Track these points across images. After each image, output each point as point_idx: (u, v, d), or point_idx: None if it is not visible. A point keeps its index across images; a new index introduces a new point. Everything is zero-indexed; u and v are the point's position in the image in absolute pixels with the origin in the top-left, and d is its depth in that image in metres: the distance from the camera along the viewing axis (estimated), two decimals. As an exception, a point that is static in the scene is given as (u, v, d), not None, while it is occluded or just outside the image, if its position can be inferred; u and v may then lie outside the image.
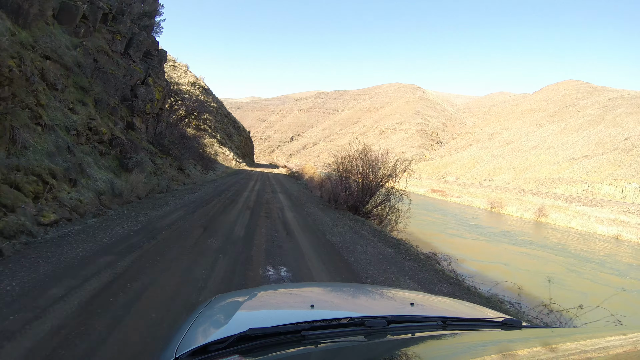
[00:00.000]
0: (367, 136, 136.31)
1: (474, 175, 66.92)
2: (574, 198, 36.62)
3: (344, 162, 10.33)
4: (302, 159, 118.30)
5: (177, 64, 35.49)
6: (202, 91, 36.61)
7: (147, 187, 8.05)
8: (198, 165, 17.78)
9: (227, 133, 36.88)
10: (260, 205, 8.94)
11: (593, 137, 63.03)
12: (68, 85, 7.77)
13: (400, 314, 1.07)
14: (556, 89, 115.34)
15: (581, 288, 8.62)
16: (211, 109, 34.65)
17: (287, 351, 0.75)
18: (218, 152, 27.98)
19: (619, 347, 0.72)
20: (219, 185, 13.59)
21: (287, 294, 1.42)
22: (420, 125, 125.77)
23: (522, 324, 1.00)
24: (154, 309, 2.56)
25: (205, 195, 9.81)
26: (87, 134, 7.43)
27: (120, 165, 8.23)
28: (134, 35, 12.65)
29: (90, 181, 6.34)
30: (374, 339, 0.84)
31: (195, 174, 15.24)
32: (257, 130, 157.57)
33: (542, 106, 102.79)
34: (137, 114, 11.39)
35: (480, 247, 13.22)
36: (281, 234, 5.70)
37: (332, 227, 6.87)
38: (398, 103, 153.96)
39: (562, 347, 0.74)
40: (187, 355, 0.77)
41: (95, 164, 7.13)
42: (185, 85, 29.88)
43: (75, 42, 9.32)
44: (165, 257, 3.85)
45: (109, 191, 6.53)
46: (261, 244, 4.93)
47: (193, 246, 4.44)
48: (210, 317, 1.05)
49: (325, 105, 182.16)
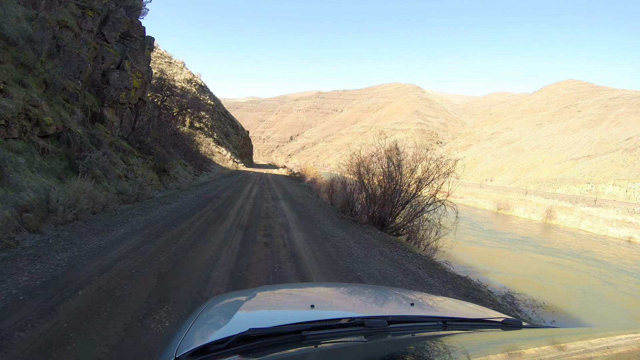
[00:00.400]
0: (367, 136, 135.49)
1: (475, 175, 66.22)
2: (578, 198, 35.94)
3: (364, 161, 8.12)
4: (302, 159, 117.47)
5: (173, 61, 33.77)
6: (199, 89, 34.84)
7: (108, 196, 6.14)
8: (189, 165, 16.09)
9: (224, 132, 35.07)
10: (258, 221, 6.82)
11: (595, 137, 62.52)
12: (4, 60, 6.13)
13: (401, 314, 1.09)
14: (556, 88, 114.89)
15: (624, 304, 7.90)
16: (208, 107, 33.11)
17: (288, 351, 0.75)
18: (214, 151, 26.44)
19: (622, 346, 0.72)
20: (209, 190, 11.40)
21: (287, 294, 1.40)
22: (420, 125, 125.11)
23: (523, 324, 1.00)
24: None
25: (186, 205, 7.62)
26: (22, 124, 5.49)
27: (71, 168, 6.23)
28: (110, 13, 10.89)
29: (11, 191, 4.46)
30: (374, 339, 0.84)
31: (184, 176, 13.47)
32: (256, 130, 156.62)
33: (542, 106, 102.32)
34: (108, 103, 9.50)
35: (505, 257, 12.51)
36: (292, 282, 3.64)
37: (365, 260, 4.79)
38: (397, 103, 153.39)
39: (564, 347, 0.75)
40: (188, 355, 0.76)
41: (28, 166, 5.26)
42: (181, 82, 28.77)
43: (32, 14, 7.79)
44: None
45: (42, 206, 4.61)
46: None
47: (119, 344, 2.11)
48: (210, 318, 1.04)
49: (324, 105, 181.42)
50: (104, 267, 3.36)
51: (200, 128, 28.12)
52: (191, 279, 3.36)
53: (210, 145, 27.07)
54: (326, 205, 11.16)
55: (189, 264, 3.80)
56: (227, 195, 10.36)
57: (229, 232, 5.53)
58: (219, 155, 26.84)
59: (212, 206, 8.05)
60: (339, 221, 7.92)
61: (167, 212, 6.62)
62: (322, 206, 10.62)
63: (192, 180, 13.68)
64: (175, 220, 5.90)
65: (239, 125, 46.15)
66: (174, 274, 3.45)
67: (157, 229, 5.13)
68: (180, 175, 12.81)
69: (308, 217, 8.02)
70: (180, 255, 4.06)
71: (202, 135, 27.19)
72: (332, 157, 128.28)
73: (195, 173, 15.72)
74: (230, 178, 18.03)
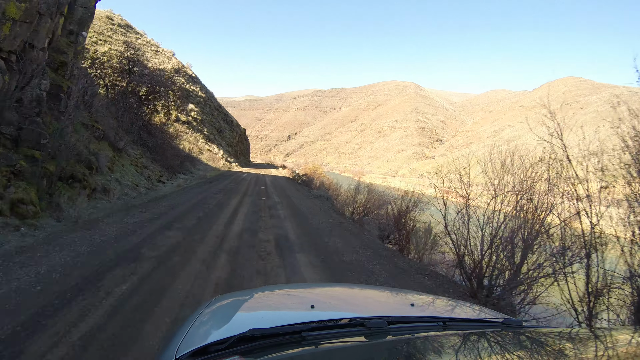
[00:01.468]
0: (366, 134, 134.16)
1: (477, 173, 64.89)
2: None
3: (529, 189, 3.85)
4: (300, 157, 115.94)
5: (161, 49, 31.14)
6: (189, 79, 31.76)
7: None
8: (154, 166, 12.08)
9: (216, 127, 31.45)
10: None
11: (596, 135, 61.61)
12: None
13: (401, 314, 1.08)
14: (556, 85, 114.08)
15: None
16: (198, 99, 30.36)
17: (288, 352, 0.75)
18: (203, 149, 23.48)
19: (622, 346, 0.72)
20: (139, 225, 5.42)
21: (287, 294, 1.38)
22: (419, 123, 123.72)
23: (523, 324, 0.99)
24: None
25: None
26: None
27: None
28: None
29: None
30: (375, 340, 0.84)
31: (134, 184, 8.95)
32: (253, 129, 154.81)
33: (543, 103, 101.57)
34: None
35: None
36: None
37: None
38: (396, 101, 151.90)
39: (563, 347, 0.76)
40: (188, 356, 0.76)
41: None
42: (169, 72, 26.79)
43: None
44: None
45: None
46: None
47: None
48: (211, 318, 1.03)
49: (322, 103, 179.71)
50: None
51: (188, 122, 25.00)
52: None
53: (199, 142, 24.10)
54: (376, 242, 6.70)
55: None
56: (170, 244, 4.64)
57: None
58: (209, 153, 23.82)
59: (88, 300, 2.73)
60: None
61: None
62: (379, 254, 5.62)
63: (143, 192, 8.89)
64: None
65: (234, 122, 42.91)
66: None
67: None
68: (123, 185, 8.27)
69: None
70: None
71: (190, 130, 24.18)
72: (331, 155, 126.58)
73: (161, 178, 11.45)
74: (212, 185, 12.63)
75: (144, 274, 3.50)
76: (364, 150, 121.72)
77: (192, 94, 29.70)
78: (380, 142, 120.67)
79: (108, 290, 3.01)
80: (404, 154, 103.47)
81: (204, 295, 3.21)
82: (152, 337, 2.33)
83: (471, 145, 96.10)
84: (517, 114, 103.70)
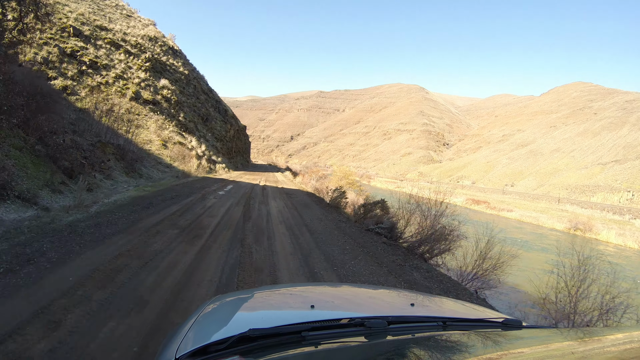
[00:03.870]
0: (371, 136, 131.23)
1: (491, 179, 61.92)
2: (622, 209, 31.47)
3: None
4: (302, 159, 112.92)
5: (136, 16, 25.08)
6: (168, 50, 24.75)
7: None
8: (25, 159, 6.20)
9: (201, 115, 24.88)
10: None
11: (619, 140, 58.68)
12: None
13: (401, 314, 1.07)
14: (565, 90, 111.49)
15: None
16: (177, 75, 23.82)
17: (288, 352, 0.75)
18: (172, 140, 17.19)
19: (621, 346, 0.71)
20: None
21: (287, 294, 1.38)
22: (425, 126, 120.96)
23: (523, 324, 0.98)
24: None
25: None
26: None
27: None
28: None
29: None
30: (375, 340, 0.83)
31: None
32: (255, 129, 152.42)
33: (553, 108, 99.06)
34: None
35: None
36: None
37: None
38: (401, 103, 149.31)
39: (563, 347, 0.74)
40: (187, 356, 0.75)
41: None
42: (137, 38, 20.90)
43: None
44: None
45: None
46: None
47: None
48: (210, 318, 1.02)
49: (325, 104, 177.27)
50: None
51: (155, 102, 18.40)
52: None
53: (166, 130, 17.64)
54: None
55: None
56: None
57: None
58: (179, 147, 17.03)
59: None
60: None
61: None
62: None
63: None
64: None
65: (230, 112, 35.47)
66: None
67: None
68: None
69: None
70: None
71: (155, 113, 17.77)
72: (334, 157, 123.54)
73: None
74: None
75: None
76: (368, 153, 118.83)
77: (169, 69, 23.41)
78: (385, 145, 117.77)
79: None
80: (411, 157, 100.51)
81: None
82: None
83: (480, 149, 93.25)
84: (526, 119, 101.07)
